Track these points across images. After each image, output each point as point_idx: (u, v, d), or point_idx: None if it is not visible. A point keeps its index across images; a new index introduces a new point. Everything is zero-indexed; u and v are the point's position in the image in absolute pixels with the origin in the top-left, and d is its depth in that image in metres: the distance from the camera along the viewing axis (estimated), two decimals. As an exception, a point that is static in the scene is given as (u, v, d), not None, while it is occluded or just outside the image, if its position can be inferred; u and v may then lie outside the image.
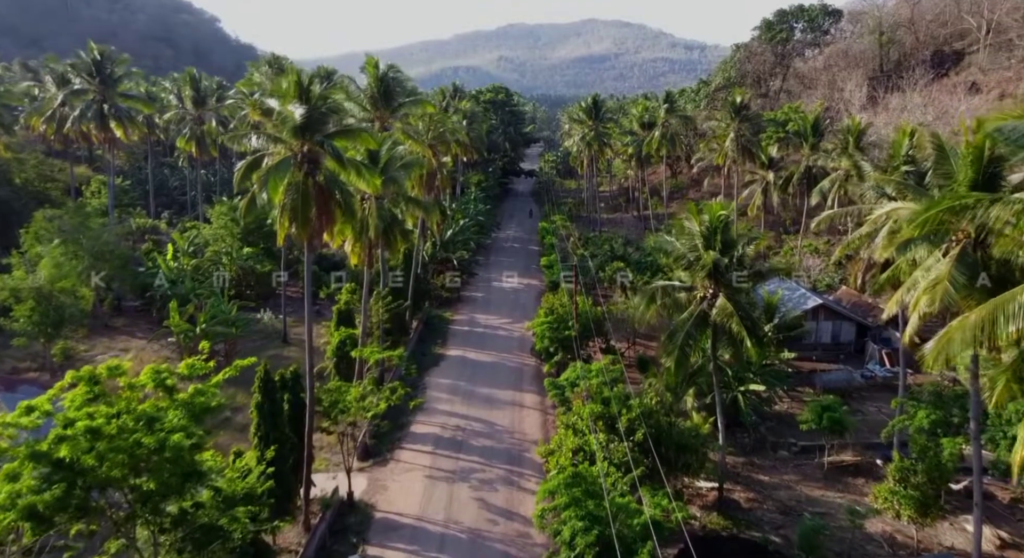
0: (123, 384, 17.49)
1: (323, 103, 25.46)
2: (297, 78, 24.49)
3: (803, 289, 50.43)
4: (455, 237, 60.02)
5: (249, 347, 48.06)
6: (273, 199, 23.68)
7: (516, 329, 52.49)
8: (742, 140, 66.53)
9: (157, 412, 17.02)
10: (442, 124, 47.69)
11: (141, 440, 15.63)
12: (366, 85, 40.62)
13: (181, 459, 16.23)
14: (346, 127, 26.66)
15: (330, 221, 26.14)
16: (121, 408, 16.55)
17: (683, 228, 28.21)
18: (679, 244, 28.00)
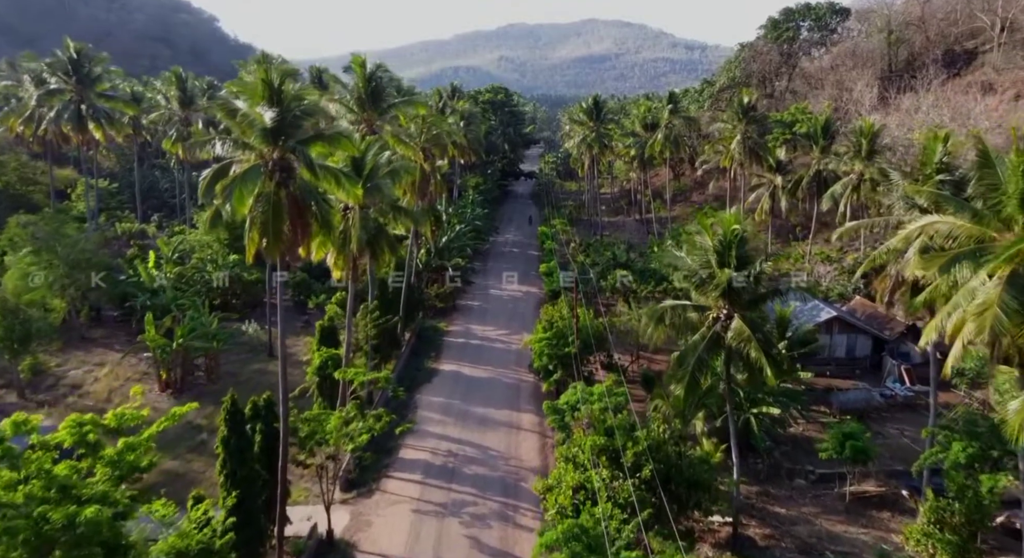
0: (34, 442, 14.88)
1: (297, 105, 23.00)
2: (266, 77, 22.01)
3: (816, 299, 47.93)
4: (451, 244, 57.56)
5: (232, 361, 45.67)
6: (239, 211, 21.20)
7: (514, 341, 50.00)
8: (749, 142, 64.07)
9: (73, 476, 14.39)
10: (436, 126, 45.25)
11: (47, 514, 13.00)
12: (352, 85, 38.12)
13: (98, 534, 13.63)
14: (323, 131, 24.19)
15: (305, 235, 23.69)
16: (30, 472, 13.95)
17: (694, 242, 25.73)
18: (690, 260, 25.53)
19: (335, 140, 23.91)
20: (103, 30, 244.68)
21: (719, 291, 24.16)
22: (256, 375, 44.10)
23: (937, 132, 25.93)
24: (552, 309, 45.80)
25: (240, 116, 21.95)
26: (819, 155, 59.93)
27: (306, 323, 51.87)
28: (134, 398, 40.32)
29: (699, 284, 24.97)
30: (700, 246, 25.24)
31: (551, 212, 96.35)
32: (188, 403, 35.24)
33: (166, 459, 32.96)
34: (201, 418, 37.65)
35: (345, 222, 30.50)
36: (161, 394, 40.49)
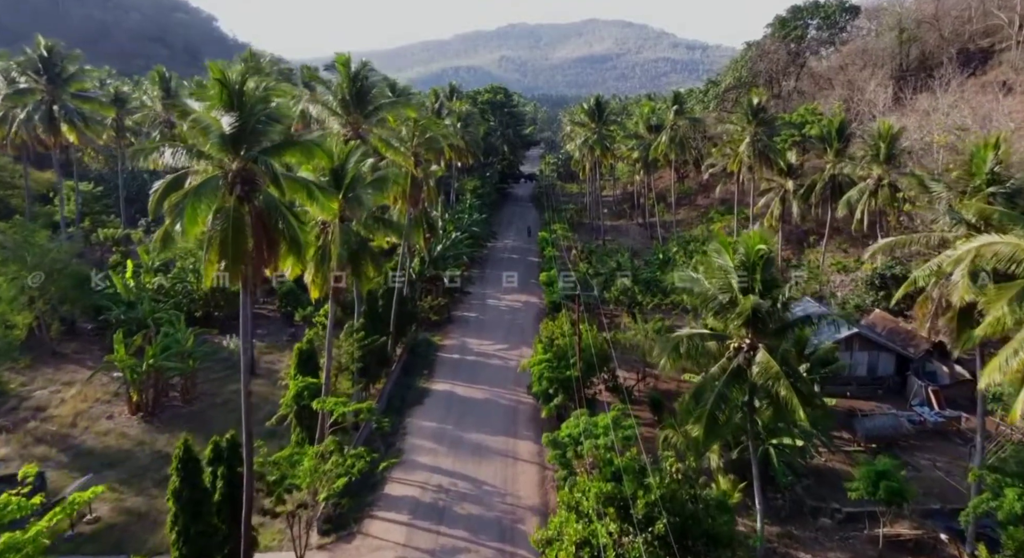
0: None
1: (262, 108, 20.10)
2: (222, 76, 19.10)
3: (833, 312, 44.97)
4: (445, 252, 54.66)
5: (212, 380, 42.77)
6: (189, 231, 18.30)
7: (512, 357, 47.11)
8: (759, 145, 61.16)
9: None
10: (429, 129, 42.35)
11: None
12: (336, 86, 35.21)
13: None
14: (291, 139, 21.26)
15: (272, 255, 20.80)
16: None
17: (712, 262, 22.79)
18: (708, 282, 22.59)
19: (306, 148, 21.00)
20: (98, 29, 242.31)
21: (742, 319, 21.24)
22: (236, 396, 40.98)
23: (988, 139, 22.95)
24: (552, 324, 42.88)
25: (192, 121, 19.03)
26: (833, 159, 57.00)
27: (292, 337, 49.00)
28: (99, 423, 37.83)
29: (718, 310, 22.06)
30: (719, 267, 22.30)
31: (552, 216, 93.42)
32: (162, 428, 32.55)
33: (129, 495, 30.08)
34: (171, 445, 34.70)
35: (324, 236, 27.62)
36: (131, 418, 37.58)
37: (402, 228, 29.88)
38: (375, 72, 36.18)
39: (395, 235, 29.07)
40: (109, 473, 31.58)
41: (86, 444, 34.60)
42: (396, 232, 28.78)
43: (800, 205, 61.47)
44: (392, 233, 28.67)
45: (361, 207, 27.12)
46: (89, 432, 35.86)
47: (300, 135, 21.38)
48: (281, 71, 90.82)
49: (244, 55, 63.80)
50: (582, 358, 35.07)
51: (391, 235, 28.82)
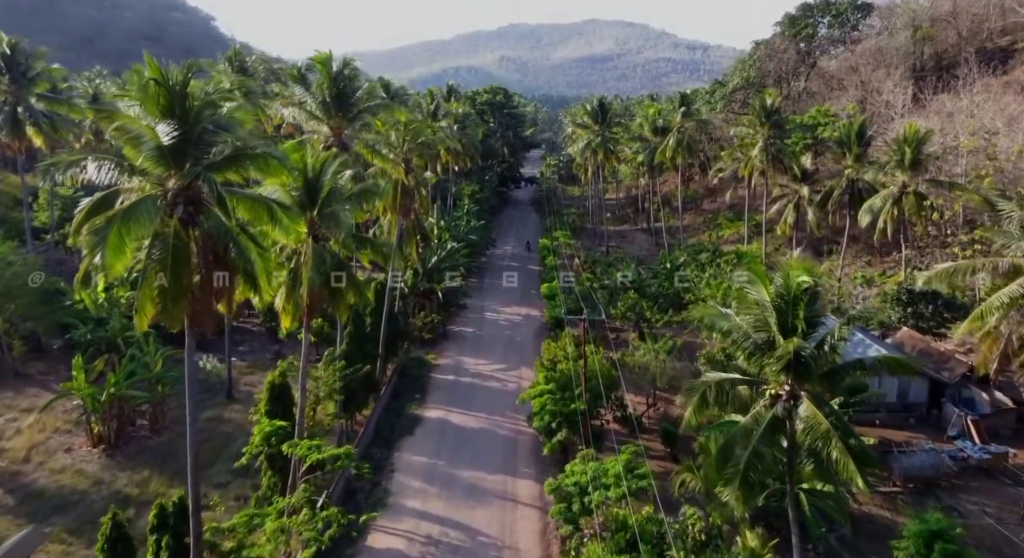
0: None
1: (210, 115, 16.75)
2: (159, 75, 15.74)
3: (857, 332, 41.61)
4: (441, 264, 51.25)
5: (184, 405, 39.26)
6: (113, 266, 14.96)
7: (510, 378, 43.77)
8: (772, 149, 57.79)
9: None
10: (421, 133, 38.99)
11: None
12: (315, 87, 31.83)
13: None
14: (244, 151, 17.84)
15: (226, 289, 17.40)
16: None
17: (745, 296, 19.40)
18: (739, 319, 19.21)
19: (261, 162, 17.66)
20: (94, 29, 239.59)
21: (782, 364, 17.86)
22: (211, 425, 37.81)
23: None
24: (554, 345, 39.55)
25: (117, 129, 15.66)
26: (853, 163, 53.58)
27: (276, 354, 45.65)
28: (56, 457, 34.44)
29: (752, 352, 18.66)
30: (754, 301, 18.92)
31: (553, 221, 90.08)
32: (125, 463, 29.18)
33: (79, 548, 26.72)
34: (133, 485, 31.41)
35: (296, 259, 24.24)
36: (92, 451, 34.21)
37: (389, 248, 26.40)
38: (359, 72, 32.86)
39: (380, 256, 25.70)
40: (58, 520, 28.23)
41: (38, 483, 31.23)
42: (381, 252, 25.43)
43: (816, 213, 58.08)
44: (377, 253, 25.34)
45: (339, 225, 23.73)
46: (43, 469, 32.49)
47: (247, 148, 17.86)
48: (273, 71, 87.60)
49: (229, 53, 60.48)
50: (588, 388, 31.67)
51: (376, 256, 25.48)
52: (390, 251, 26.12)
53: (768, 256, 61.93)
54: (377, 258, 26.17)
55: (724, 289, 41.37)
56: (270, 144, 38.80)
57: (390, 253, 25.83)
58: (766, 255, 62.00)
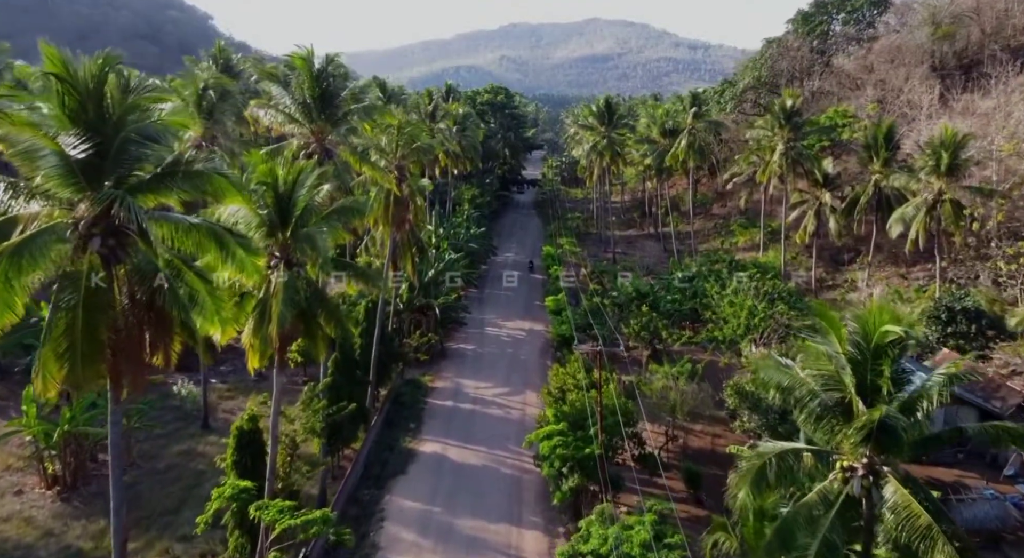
0: None
1: (136, 120, 13.05)
2: (63, 69, 12.05)
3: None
4: (438, 277, 47.55)
5: (154, 437, 35.62)
6: None
7: (514, 404, 40.12)
8: (792, 152, 54.13)
9: None
10: (416, 137, 35.29)
11: None
12: (294, 87, 28.09)
13: None
14: (176, 169, 14.13)
15: (162, 341, 13.71)
16: None
17: (813, 348, 15.65)
18: (804, 374, 15.52)
19: (203, 182, 13.95)
20: (87, 26, 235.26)
21: (862, 434, 14.17)
22: (183, 459, 34.13)
23: None
24: (562, 371, 35.87)
25: (3, 140, 11.97)
26: (881, 168, 49.92)
27: (261, 376, 41.89)
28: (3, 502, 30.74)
29: (820, 416, 14.98)
30: (824, 354, 15.21)
31: (557, 226, 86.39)
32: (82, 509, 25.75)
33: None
34: (87, 537, 27.69)
35: (265, 289, 20.55)
36: (46, 494, 30.49)
37: (376, 275, 22.57)
38: (346, 69, 29.14)
39: (367, 284, 22.03)
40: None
41: None
42: (368, 280, 21.73)
43: (839, 220, 54.48)
44: (363, 281, 21.67)
45: (316, 248, 20.03)
46: (-13, 517, 28.79)
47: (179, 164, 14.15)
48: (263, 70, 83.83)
49: (213, 51, 56.85)
50: (603, 427, 27.99)
51: (362, 284, 21.82)
52: (378, 279, 22.39)
53: (785, 265, 58.29)
54: (364, 287, 22.49)
55: (748, 308, 37.69)
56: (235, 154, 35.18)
57: (378, 281, 22.13)
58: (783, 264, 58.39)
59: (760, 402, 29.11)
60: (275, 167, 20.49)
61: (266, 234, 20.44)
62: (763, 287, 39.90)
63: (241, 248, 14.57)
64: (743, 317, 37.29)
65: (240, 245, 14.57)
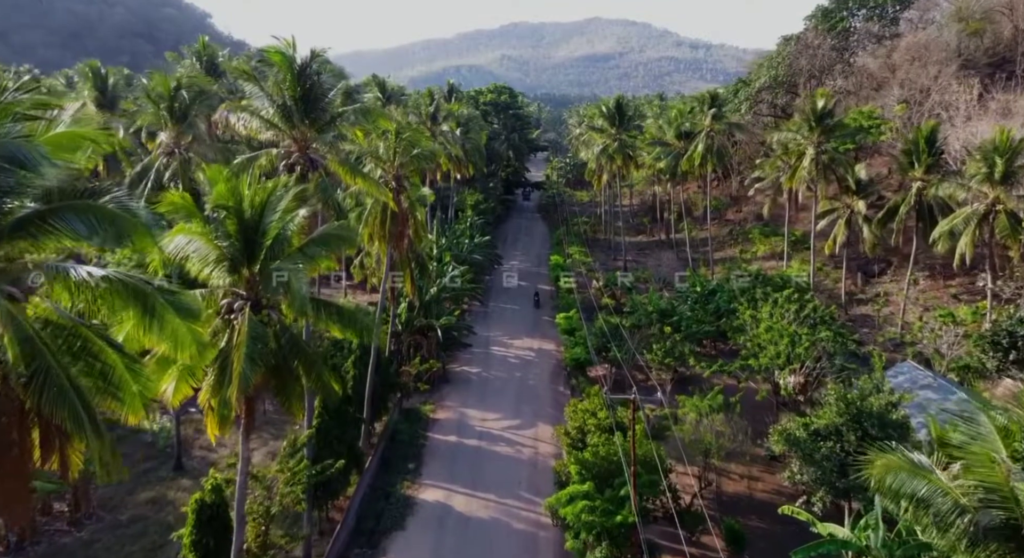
0: None
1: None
2: None
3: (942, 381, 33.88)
4: (440, 294, 43.45)
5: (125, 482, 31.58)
6: None
7: (525, 440, 36.02)
8: (824, 157, 49.97)
9: None
10: (416, 143, 31.17)
11: None
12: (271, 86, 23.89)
13: None
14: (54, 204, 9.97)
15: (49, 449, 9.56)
16: None
17: (973, 450, 11.50)
18: (947, 481, 11.39)
19: (103, 223, 9.76)
20: (82, 24, 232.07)
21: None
22: (151, 509, 30.08)
23: None
24: (580, 407, 31.77)
25: None
26: (923, 175, 45.77)
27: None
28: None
29: (974, 541, 10.86)
30: (986, 454, 11.10)
31: (564, 232, 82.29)
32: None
33: None
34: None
35: (228, 335, 16.45)
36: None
37: (366, 318, 18.24)
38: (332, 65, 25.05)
39: (354, 331, 17.71)
40: None
41: None
42: (355, 325, 17.46)
43: (873, 231, 50.35)
44: (348, 326, 17.44)
45: (289, 287, 15.93)
46: (-84, 588, 24.75)
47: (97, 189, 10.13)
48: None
49: (196, 47, 52.57)
50: (637, 485, 23.84)
51: (348, 330, 17.59)
52: (370, 323, 18.20)
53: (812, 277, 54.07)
54: (350, 333, 18.35)
55: (789, 334, 33.57)
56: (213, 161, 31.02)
57: (368, 325, 17.97)
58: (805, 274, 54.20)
59: (815, 452, 24.99)
60: (240, 186, 16.38)
61: (227, 270, 16.34)
62: (804, 310, 35.76)
63: (174, 312, 10.52)
64: (783, 345, 33.14)
65: (173, 307, 10.52)
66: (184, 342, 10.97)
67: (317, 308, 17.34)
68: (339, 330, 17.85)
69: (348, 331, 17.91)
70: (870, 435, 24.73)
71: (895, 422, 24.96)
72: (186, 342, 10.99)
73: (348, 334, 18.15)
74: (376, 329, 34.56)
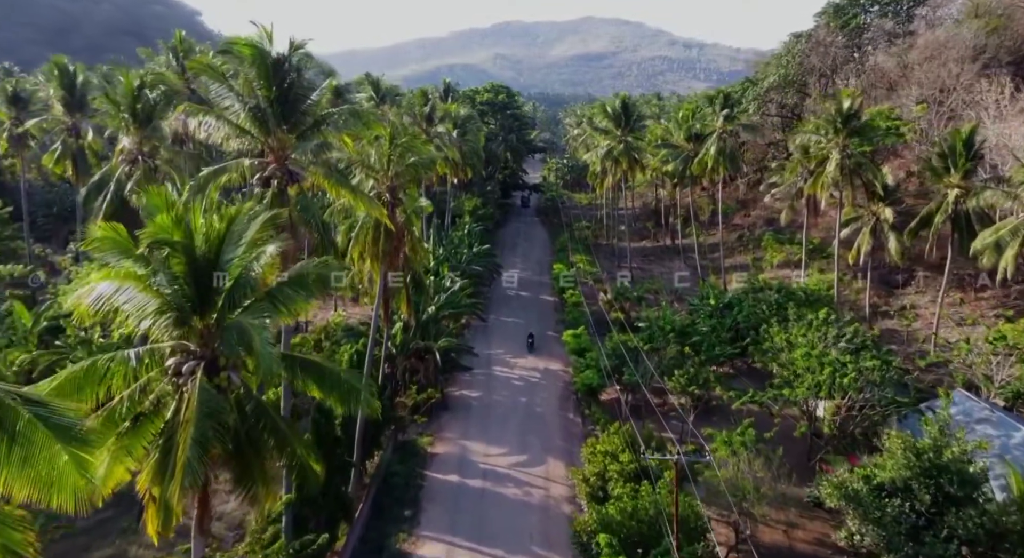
0: None
1: None
2: None
3: (1001, 414, 30.39)
4: (439, 313, 39.72)
5: (76, 536, 27.70)
6: None
7: (535, 480, 32.31)
8: (851, 162, 46.48)
9: None
10: (414, 149, 27.40)
11: None
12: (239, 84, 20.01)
13: None
14: None
15: None
16: None
17: None
18: None
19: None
20: (67, 21, 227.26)
21: None
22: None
23: None
24: (599, 448, 28.22)
25: None
26: (961, 182, 42.31)
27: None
28: None
29: None
30: None
31: (567, 239, 78.63)
32: None
33: None
34: None
35: (176, 405, 12.69)
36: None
37: (353, 382, 14.32)
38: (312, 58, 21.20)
39: (338, 399, 13.84)
40: None
41: None
42: (336, 387, 13.70)
43: (903, 241, 46.95)
44: (331, 390, 13.63)
45: (252, 346, 12.18)
46: None
47: None
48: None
49: (173, 42, 48.46)
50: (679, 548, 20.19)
51: (329, 393, 13.78)
52: (357, 384, 14.32)
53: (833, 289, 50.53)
54: (332, 399, 14.51)
55: (831, 363, 29.99)
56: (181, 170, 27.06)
57: (355, 388, 14.14)
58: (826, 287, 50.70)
59: (880, 511, 21.41)
60: (192, 215, 12.61)
61: (173, 323, 12.58)
62: (845, 335, 32.21)
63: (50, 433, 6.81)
64: (825, 375, 29.55)
65: (48, 426, 6.83)
66: (63, 480, 7.26)
67: (292, 367, 13.62)
68: (319, 393, 14.13)
69: (331, 396, 14.19)
70: (947, 493, 21.22)
71: (975, 477, 21.43)
72: (65, 480, 7.26)
73: (331, 401, 14.40)
74: (370, 350, 30.92)
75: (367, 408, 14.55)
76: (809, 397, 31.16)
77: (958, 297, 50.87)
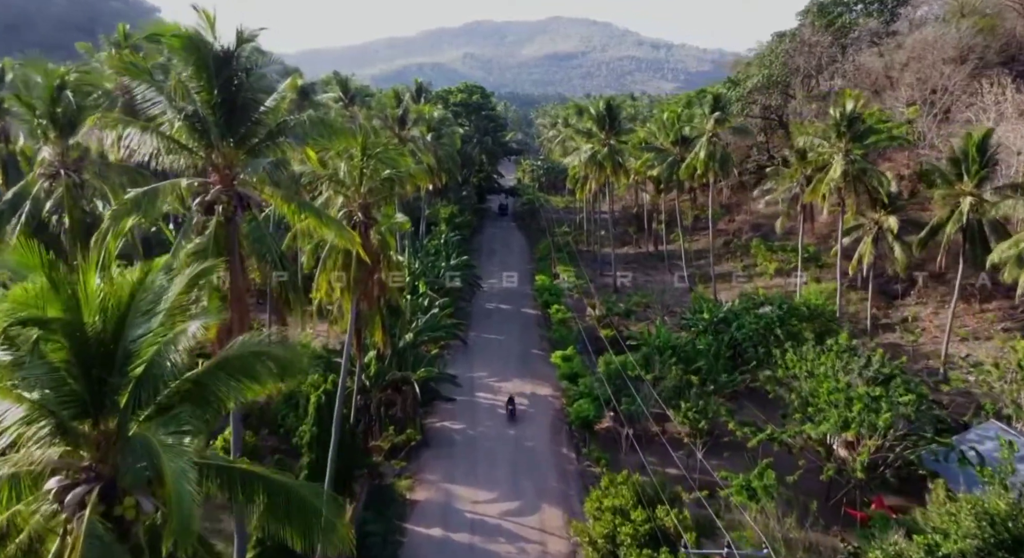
0: None
1: None
2: None
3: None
4: (418, 339, 35.83)
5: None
6: None
7: (529, 532, 28.61)
8: (854, 168, 43.71)
9: None
10: (390, 161, 23.45)
11: None
12: (170, 85, 15.92)
13: None
14: None
15: None
16: None
17: None
18: None
19: None
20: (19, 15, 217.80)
21: None
22: None
23: None
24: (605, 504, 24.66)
25: None
26: (974, 189, 39.69)
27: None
28: None
29: None
30: None
31: (547, 246, 75.14)
32: None
33: None
34: None
35: (58, 550, 8.69)
36: None
37: (315, 504, 10.57)
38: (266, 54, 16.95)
39: (293, 527, 10.16)
40: None
41: None
42: (287, 518, 10.00)
43: (907, 250, 44.41)
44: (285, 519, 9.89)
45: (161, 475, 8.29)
46: None
47: None
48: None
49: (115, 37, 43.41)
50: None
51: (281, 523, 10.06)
52: (319, 506, 10.54)
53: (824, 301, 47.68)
54: (289, 533, 10.58)
55: (861, 397, 26.83)
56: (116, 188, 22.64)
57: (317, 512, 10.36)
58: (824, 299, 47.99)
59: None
60: (83, 275, 8.65)
61: (51, 433, 8.63)
62: (871, 365, 29.12)
63: None
64: (856, 412, 26.36)
65: None
66: None
67: (231, 484, 9.71)
68: (272, 522, 10.28)
69: (287, 529, 10.30)
70: (1028, 569, 18.05)
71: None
72: None
73: (287, 533, 10.48)
74: (341, 387, 27.01)
75: (335, 545, 10.62)
76: (834, 433, 28.04)
77: (961, 308, 48.43)
